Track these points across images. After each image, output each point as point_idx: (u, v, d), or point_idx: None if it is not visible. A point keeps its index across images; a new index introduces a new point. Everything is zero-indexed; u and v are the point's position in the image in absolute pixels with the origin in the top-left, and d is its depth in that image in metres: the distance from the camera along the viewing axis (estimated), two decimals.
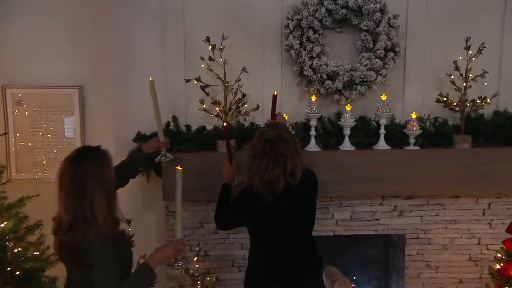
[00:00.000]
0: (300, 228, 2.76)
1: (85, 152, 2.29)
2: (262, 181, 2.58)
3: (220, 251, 3.62)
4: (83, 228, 2.15)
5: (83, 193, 2.15)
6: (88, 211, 2.15)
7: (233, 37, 3.43)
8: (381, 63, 3.46)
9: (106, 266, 2.14)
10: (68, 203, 2.17)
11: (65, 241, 2.19)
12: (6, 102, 3.76)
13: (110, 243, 2.18)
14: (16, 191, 3.13)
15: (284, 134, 2.64)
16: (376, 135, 3.50)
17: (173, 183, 3.20)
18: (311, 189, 2.80)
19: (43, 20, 3.68)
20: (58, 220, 2.23)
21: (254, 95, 3.52)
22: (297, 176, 2.62)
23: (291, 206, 2.66)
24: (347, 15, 3.44)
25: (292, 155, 2.60)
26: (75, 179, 2.16)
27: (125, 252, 2.34)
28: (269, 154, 2.57)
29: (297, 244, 2.74)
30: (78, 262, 2.19)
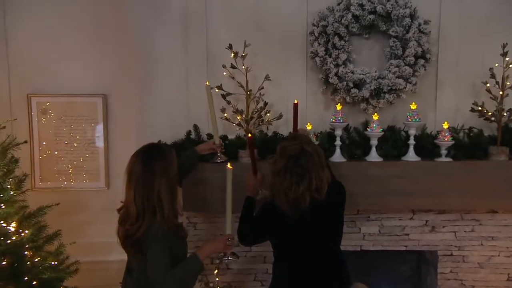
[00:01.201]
0: (327, 243, 2.71)
1: (154, 149, 2.52)
2: (287, 199, 2.55)
3: (242, 265, 3.60)
4: (148, 219, 2.38)
5: (152, 187, 2.38)
6: (156, 204, 2.38)
7: (256, 44, 3.43)
8: (410, 71, 3.39)
9: (160, 254, 2.33)
10: (138, 195, 2.39)
11: (130, 231, 2.40)
12: (31, 110, 3.85)
13: (168, 235, 2.38)
14: (40, 200, 3.22)
15: (307, 147, 2.59)
16: (405, 146, 3.42)
17: (194, 194, 3.27)
18: (338, 201, 2.75)
19: (67, 29, 3.76)
20: (126, 210, 2.45)
21: (278, 104, 3.51)
22: (323, 190, 2.57)
23: (317, 221, 2.62)
24: (375, 21, 3.39)
25: (316, 169, 2.55)
26: (145, 173, 2.40)
27: (180, 244, 2.52)
28: (292, 170, 2.54)
29: (323, 259, 2.68)
30: (139, 251, 2.40)
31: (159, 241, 2.35)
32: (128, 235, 2.41)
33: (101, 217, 3.77)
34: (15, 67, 3.79)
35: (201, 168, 3.25)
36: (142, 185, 2.39)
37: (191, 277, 2.40)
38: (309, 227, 2.60)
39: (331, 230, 2.70)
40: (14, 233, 2.83)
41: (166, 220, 2.38)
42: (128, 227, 2.41)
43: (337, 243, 2.76)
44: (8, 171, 2.93)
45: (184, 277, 2.36)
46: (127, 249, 2.50)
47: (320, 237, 2.64)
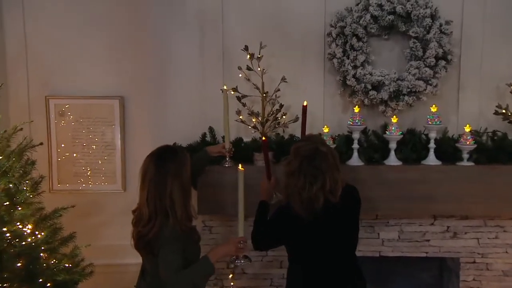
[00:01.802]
0: (342, 248, 2.69)
1: (168, 151, 2.55)
2: (301, 199, 2.54)
3: (258, 269, 3.60)
4: (161, 221, 2.40)
5: (164, 189, 2.41)
6: (168, 206, 2.40)
7: (273, 46, 3.45)
8: (431, 72, 3.35)
9: (172, 255, 2.36)
10: (150, 197, 2.43)
11: (142, 233, 2.43)
12: (49, 112, 3.92)
13: (181, 237, 2.41)
14: (57, 202, 3.25)
15: (321, 147, 2.59)
16: (425, 149, 3.38)
17: (209, 197, 3.28)
18: (353, 205, 2.73)
19: (85, 32, 3.81)
20: (139, 212, 2.48)
21: (295, 106, 3.49)
22: (337, 192, 2.57)
23: (331, 224, 2.61)
24: (394, 21, 3.36)
25: (331, 170, 2.55)
26: (158, 175, 2.43)
27: (193, 247, 2.55)
28: (307, 171, 2.53)
29: (338, 266, 2.67)
30: (152, 252, 2.43)
31: (171, 243, 2.37)
32: (141, 237, 2.45)
33: (118, 219, 3.80)
34: (34, 69, 3.86)
35: (216, 171, 3.27)
36: (154, 186, 2.43)
37: (201, 280, 2.42)
38: (323, 229, 2.59)
39: (345, 234, 2.68)
40: (30, 235, 2.86)
41: (179, 222, 2.41)
42: (140, 228, 2.45)
43: (352, 247, 2.74)
44: (24, 173, 2.97)
45: (195, 279, 2.38)
46: (140, 251, 2.53)
47: (334, 240, 2.63)
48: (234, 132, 3.52)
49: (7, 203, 2.75)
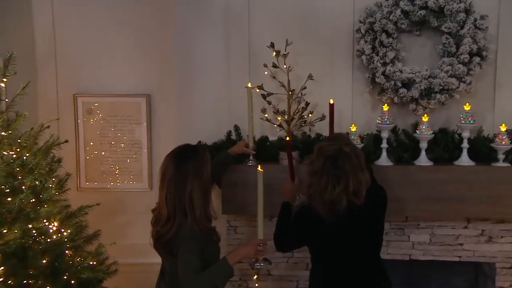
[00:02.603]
0: (365, 250, 2.67)
1: (188, 150, 2.55)
2: (323, 201, 2.53)
3: (283, 271, 3.60)
4: (179, 221, 2.42)
5: (184, 188, 2.42)
6: (187, 206, 2.41)
7: (300, 43, 3.45)
8: (465, 69, 3.28)
9: (190, 255, 2.37)
10: (169, 197, 2.44)
11: (161, 232, 2.45)
12: (77, 110, 4.01)
13: (200, 238, 2.42)
14: (85, 200, 3.33)
15: (345, 148, 2.56)
16: (458, 149, 3.31)
17: (233, 197, 3.30)
18: (379, 206, 2.70)
19: (113, 30, 3.90)
20: (158, 211, 2.50)
21: (322, 105, 3.47)
22: (361, 194, 2.54)
23: (354, 226, 2.59)
24: (426, 16, 3.31)
25: (354, 171, 2.52)
26: (178, 174, 2.44)
27: (212, 248, 2.56)
28: (329, 171, 2.52)
29: (361, 267, 2.65)
30: (170, 252, 2.44)
31: (189, 243, 2.38)
32: (159, 236, 2.47)
33: (143, 218, 3.81)
34: (63, 67, 3.97)
35: (239, 170, 3.28)
36: (174, 185, 2.43)
37: (220, 282, 2.43)
38: (346, 232, 2.58)
39: (369, 236, 2.66)
40: (55, 232, 2.93)
41: (198, 222, 2.41)
42: (159, 228, 2.47)
43: (376, 249, 2.71)
44: (50, 171, 3.05)
45: (214, 281, 2.39)
46: (159, 251, 2.55)
47: (357, 243, 2.61)
48: (260, 130, 3.53)
49: (33, 200, 2.83)
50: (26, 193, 2.75)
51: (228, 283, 3.55)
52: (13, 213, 2.69)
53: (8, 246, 2.61)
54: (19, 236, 2.63)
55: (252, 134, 3.25)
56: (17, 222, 2.66)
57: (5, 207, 2.67)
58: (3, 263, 2.58)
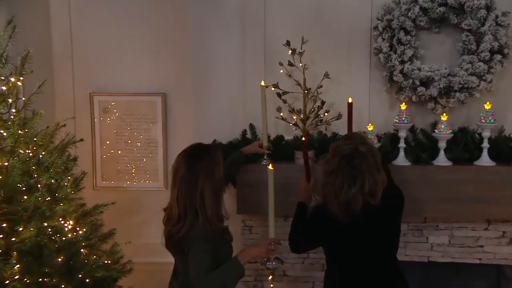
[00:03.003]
0: (381, 251, 2.65)
1: (200, 149, 2.55)
2: (338, 201, 2.51)
3: (299, 272, 3.59)
4: (190, 220, 2.42)
5: (195, 187, 2.42)
6: (198, 205, 2.41)
7: (316, 41, 3.43)
8: (485, 67, 3.23)
9: (201, 255, 2.37)
10: (180, 196, 2.44)
11: (172, 232, 2.46)
12: (94, 109, 4.05)
13: (211, 237, 2.41)
14: (101, 199, 3.34)
15: (361, 147, 2.53)
16: (478, 149, 3.27)
17: (247, 197, 3.30)
18: (395, 207, 2.67)
19: (128, 29, 3.93)
20: (170, 211, 2.51)
21: (339, 103, 3.45)
22: (378, 194, 2.51)
23: (370, 227, 2.57)
24: (446, 13, 3.27)
25: (370, 171, 2.50)
26: (189, 173, 2.44)
27: (224, 248, 2.55)
28: (345, 171, 2.49)
29: (377, 268, 2.63)
30: (181, 252, 2.45)
31: (201, 243, 2.38)
32: (171, 236, 2.47)
33: (159, 217, 3.84)
34: (79, 66, 4.01)
35: (254, 170, 3.28)
36: (185, 185, 2.43)
37: (231, 281, 2.42)
38: (361, 232, 2.55)
39: (385, 237, 2.63)
40: (71, 231, 2.96)
41: (209, 222, 2.40)
42: (170, 227, 2.47)
43: (392, 251, 2.69)
44: (66, 169, 3.08)
45: (224, 281, 2.38)
46: (171, 250, 2.56)
47: (373, 243, 2.58)
48: (275, 129, 3.53)
49: (49, 199, 2.86)
50: (42, 191, 2.77)
51: (243, 284, 3.59)
52: (28, 211, 2.72)
53: (23, 244, 2.63)
54: (35, 234, 2.65)
55: (266, 133, 3.23)
56: (33, 220, 2.68)
57: (20, 205, 2.69)
58: (19, 261, 2.60)
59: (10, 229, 2.67)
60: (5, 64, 2.87)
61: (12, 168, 2.68)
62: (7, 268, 2.58)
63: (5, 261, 2.60)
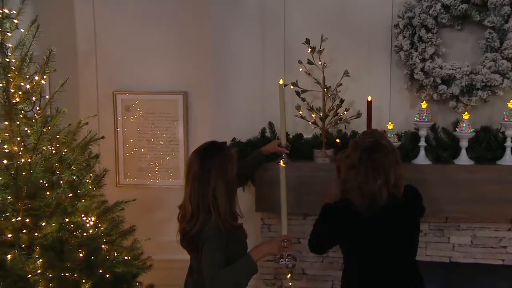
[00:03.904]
0: (401, 249, 2.59)
1: (213, 147, 2.55)
2: (362, 194, 2.46)
3: (318, 270, 3.59)
4: (203, 218, 2.42)
5: (208, 185, 2.42)
6: (210, 203, 2.41)
7: (336, 39, 3.44)
8: (509, 65, 3.19)
9: (213, 252, 2.38)
10: (193, 193, 2.45)
11: (186, 229, 2.47)
12: (116, 107, 4.12)
13: (224, 235, 2.41)
14: (123, 196, 3.39)
15: (383, 141, 2.51)
16: (501, 148, 3.22)
17: (266, 195, 3.31)
18: (415, 204, 2.62)
19: (150, 28, 3.99)
20: (183, 208, 2.52)
21: (359, 102, 3.44)
22: (401, 188, 2.49)
23: (391, 222, 2.51)
24: (468, 10, 3.23)
25: (393, 164, 2.46)
26: (202, 171, 2.44)
27: (239, 245, 2.55)
28: (367, 164, 2.45)
29: (396, 267, 2.58)
30: (195, 249, 2.46)
31: (214, 240, 2.39)
32: (185, 233, 2.49)
33: None
34: (103, 65, 4.09)
35: (272, 168, 3.27)
36: (198, 182, 2.43)
37: (243, 278, 2.41)
38: (382, 227, 2.50)
39: (405, 234, 2.58)
40: (92, 227, 3.02)
41: (222, 220, 2.41)
42: (184, 225, 2.49)
43: (412, 250, 2.64)
44: (87, 166, 3.15)
45: (237, 278, 2.38)
46: (185, 247, 2.57)
47: (393, 239, 2.53)
48: (294, 127, 3.53)
49: (71, 195, 2.92)
50: (64, 187, 2.85)
51: (263, 282, 3.61)
52: (51, 207, 2.79)
53: (46, 239, 2.71)
54: (56, 230, 2.73)
55: (285, 131, 3.22)
56: (54, 216, 2.75)
57: (43, 201, 2.77)
58: (41, 255, 2.67)
59: (33, 224, 2.76)
60: (29, 63, 2.95)
61: (35, 164, 2.76)
62: (30, 262, 2.67)
63: (28, 256, 2.68)
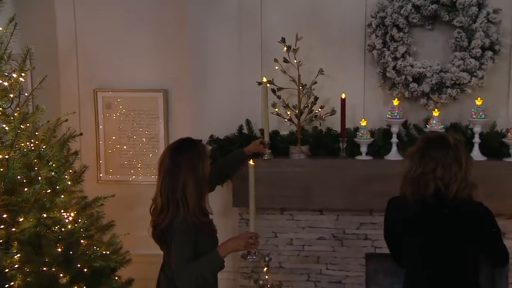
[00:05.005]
0: (449, 262, 2.41)
1: (185, 144, 2.54)
2: (410, 181, 2.41)
3: (294, 264, 3.60)
4: (173, 212, 2.41)
5: (177, 181, 2.41)
6: (179, 197, 2.40)
7: (312, 38, 3.46)
8: (476, 64, 3.22)
9: (181, 246, 2.37)
10: (163, 188, 2.45)
11: (157, 222, 2.47)
12: (97, 105, 4.10)
13: (192, 229, 2.39)
14: (104, 192, 3.36)
15: (448, 137, 2.41)
16: (469, 144, 3.24)
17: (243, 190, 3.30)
18: (465, 224, 2.38)
19: (131, 27, 3.97)
20: (154, 201, 2.52)
21: (334, 99, 3.45)
22: (452, 186, 2.34)
23: (438, 226, 2.37)
24: (438, 10, 3.26)
25: (447, 160, 2.34)
26: (172, 166, 2.43)
27: (208, 240, 2.53)
28: (421, 153, 2.40)
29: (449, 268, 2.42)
30: (165, 243, 2.46)
31: (182, 235, 2.38)
32: (155, 226, 2.49)
33: None
34: (83, 63, 4.07)
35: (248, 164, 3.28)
36: (168, 177, 2.43)
37: (210, 273, 2.41)
38: (427, 226, 2.40)
39: (449, 244, 2.40)
40: (71, 222, 2.99)
41: (191, 215, 2.39)
42: (155, 218, 2.49)
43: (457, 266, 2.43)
44: (66, 162, 3.11)
45: (203, 272, 2.38)
46: (156, 241, 2.56)
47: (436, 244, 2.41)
48: (270, 124, 3.44)
49: (49, 191, 2.89)
50: (42, 183, 2.81)
51: (240, 275, 3.62)
52: (29, 203, 2.76)
53: (23, 234, 2.68)
54: (34, 225, 2.70)
55: (268, 128, 3.20)
56: (32, 211, 2.73)
57: (21, 197, 2.75)
58: (19, 250, 2.65)
59: (11, 219, 2.73)
60: (8, 61, 2.93)
61: (12, 160, 2.73)
62: (8, 257, 2.64)
63: (5, 251, 2.66)
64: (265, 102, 3.18)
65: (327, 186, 3.34)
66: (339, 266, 3.56)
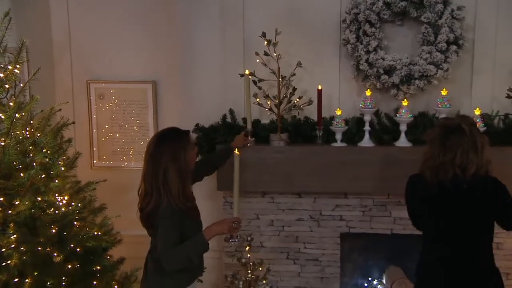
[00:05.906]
0: (467, 237, 2.47)
1: (171, 133, 2.53)
2: (430, 167, 2.47)
3: (275, 243, 3.63)
4: (156, 197, 2.40)
5: (159, 167, 2.39)
6: (161, 183, 2.38)
7: (291, 33, 3.46)
8: (442, 57, 3.25)
9: (167, 231, 2.37)
10: (147, 173, 2.44)
11: (142, 205, 2.47)
12: (90, 95, 4.06)
13: (177, 214, 2.39)
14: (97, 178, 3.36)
15: (464, 125, 2.44)
16: None
17: (227, 175, 3.32)
18: (485, 196, 2.46)
19: (123, 21, 3.94)
20: (140, 185, 2.51)
21: (312, 90, 3.45)
22: (469, 171, 2.40)
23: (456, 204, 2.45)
24: (407, 7, 3.28)
25: (464, 147, 2.40)
26: (155, 153, 2.42)
27: (193, 223, 2.52)
28: (440, 141, 2.44)
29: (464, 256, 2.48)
30: (151, 226, 2.47)
31: (167, 220, 2.38)
32: (141, 209, 2.48)
33: None
34: (77, 55, 4.03)
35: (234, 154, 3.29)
36: (151, 163, 2.42)
37: (195, 255, 2.42)
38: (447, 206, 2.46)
39: (471, 220, 2.46)
40: (65, 205, 2.98)
41: (176, 201, 2.38)
42: (141, 201, 2.48)
43: (478, 239, 2.50)
44: (60, 149, 3.10)
45: (189, 254, 2.39)
46: (142, 223, 2.55)
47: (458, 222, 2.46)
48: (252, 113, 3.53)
49: (44, 176, 2.89)
50: (37, 169, 2.81)
51: (225, 254, 3.63)
52: (25, 187, 2.75)
53: (19, 216, 2.68)
54: (29, 208, 2.69)
55: (250, 117, 3.22)
56: (27, 195, 2.72)
57: (17, 181, 2.74)
58: (15, 231, 2.65)
59: (7, 203, 2.72)
60: (3, 54, 2.90)
61: (8, 147, 2.72)
62: (4, 237, 2.64)
63: (2, 232, 2.65)
64: (248, 93, 3.21)
65: (305, 171, 3.35)
66: (316, 245, 3.59)
